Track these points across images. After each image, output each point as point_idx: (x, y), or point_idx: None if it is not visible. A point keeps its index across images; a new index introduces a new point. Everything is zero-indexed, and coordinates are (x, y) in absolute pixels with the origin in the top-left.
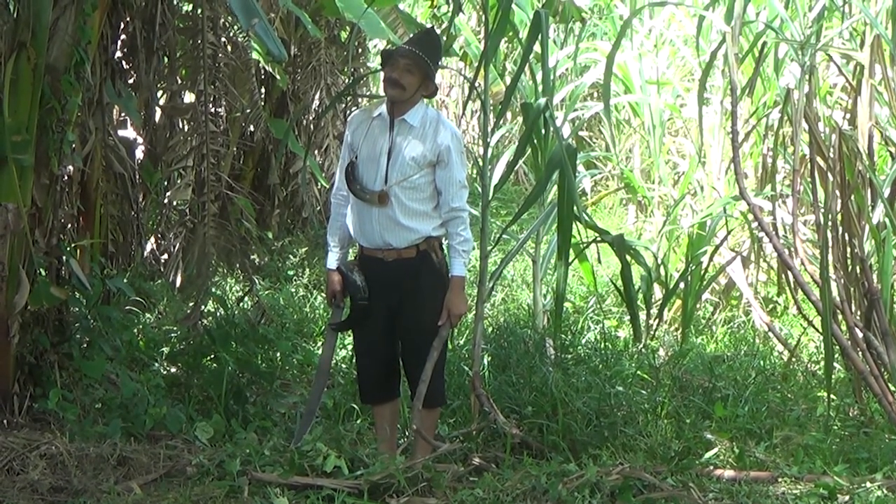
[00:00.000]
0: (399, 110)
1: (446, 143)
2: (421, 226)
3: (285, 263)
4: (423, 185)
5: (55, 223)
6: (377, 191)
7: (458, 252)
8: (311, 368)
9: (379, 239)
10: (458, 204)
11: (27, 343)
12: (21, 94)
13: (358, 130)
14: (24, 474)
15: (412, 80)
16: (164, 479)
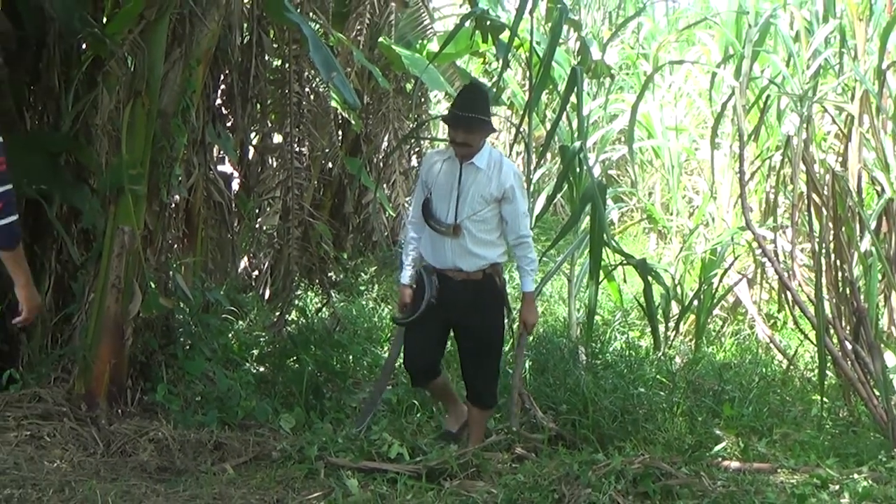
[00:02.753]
0: (467, 156)
1: (510, 181)
2: (488, 253)
3: (357, 280)
4: (489, 219)
5: (164, 243)
6: (451, 224)
7: (527, 272)
8: (378, 370)
9: (451, 263)
10: (523, 232)
11: (139, 345)
12: (136, 134)
13: (431, 171)
14: (134, 456)
15: (475, 137)
16: (252, 461)
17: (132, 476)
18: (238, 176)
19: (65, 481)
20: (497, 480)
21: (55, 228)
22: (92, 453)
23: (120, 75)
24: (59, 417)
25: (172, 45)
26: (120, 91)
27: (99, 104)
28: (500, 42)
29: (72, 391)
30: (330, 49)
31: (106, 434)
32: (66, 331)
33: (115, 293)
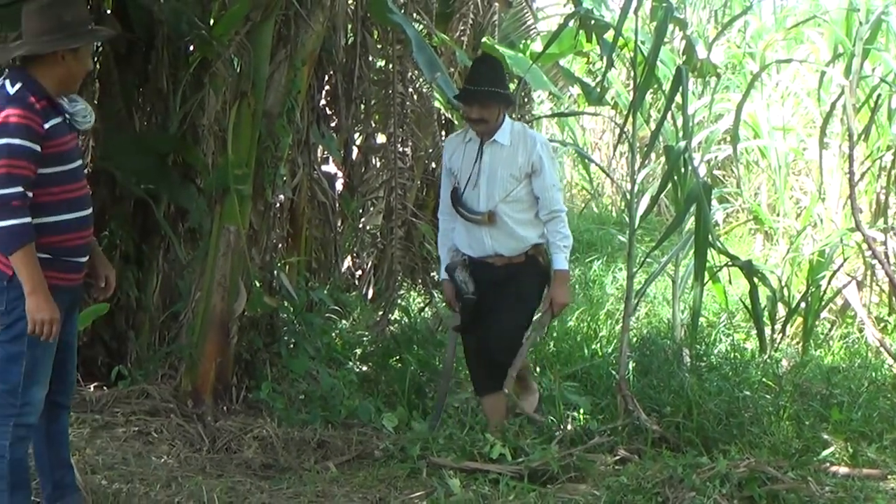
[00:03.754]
0: (487, 133)
1: (537, 153)
2: (528, 233)
3: None
4: (523, 196)
5: (268, 243)
6: (484, 212)
7: (560, 248)
8: None
9: (490, 251)
10: (556, 206)
11: (244, 343)
12: (242, 135)
13: (454, 156)
14: (239, 453)
15: (491, 112)
16: (355, 460)
17: (237, 473)
18: (342, 176)
19: (171, 477)
20: (600, 482)
21: (163, 228)
22: (198, 449)
23: (226, 76)
24: (167, 414)
25: (278, 47)
26: (226, 92)
27: (206, 105)
28: (605, 41)
29: (178, 388)
30: (433, 49)
31: (211, 431)
32: (173, 328)
33: (220, 292)
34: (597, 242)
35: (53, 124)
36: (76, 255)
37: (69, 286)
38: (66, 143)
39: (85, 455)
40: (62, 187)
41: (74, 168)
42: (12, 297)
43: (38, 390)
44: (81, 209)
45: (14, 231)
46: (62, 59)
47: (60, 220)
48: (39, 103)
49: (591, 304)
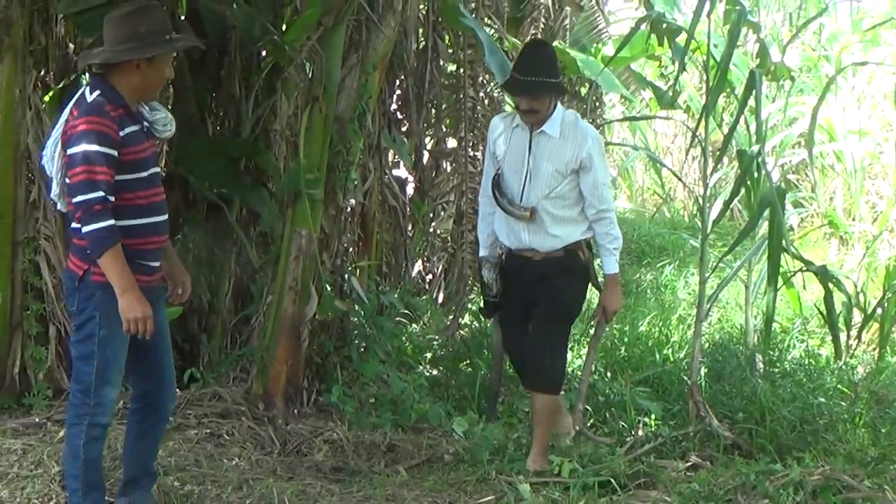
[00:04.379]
0: (536, 123)
1: (587, 149)
2: (569, 232)
3: None
4: (568, 193)
5: (339, 247)
6: (527, 207)
7: (609, 251)
8: None
9: (527, 244)
10: (604, 205)
11: (315, 346)
12: (314, 139)
13: (500, 140)
14: (310, 456)
15: (542, 102)
16: (425, 464)
17: (307, 476)
18: (413, 180)
19: (243, 479)
20: (671, 489)
21: (235, 232)
22: (269, 452)
23: (298, 81)
24: (238, 416)
25: (349, 51)
26: (298, 97)
27: (278, 110)
28: (677, 45)
29: (250, 391)
30: (504, 53)
31: (282, 434)
32: (244, 332)
33: (292, 295)
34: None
35: (129, 132)
36: (149, 258)
37: (141, 287)
38: (143, 151)
39: (158, 456)
40: (136, 193)
41: (150, 175)
42: (83, 298)
43: (110, 390)
44: (155, 215)
45: (100, 235)
46: (137, 68)
47: (133, 225)
48: (116, 111)
49: (663, 309)
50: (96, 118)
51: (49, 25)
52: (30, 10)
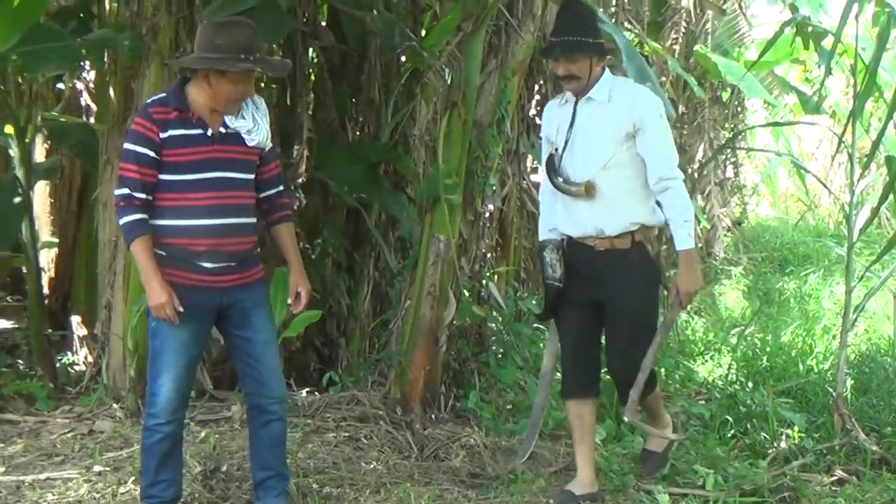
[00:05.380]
0: (580, 90)
1: (640, 108)
2: (635, 208)
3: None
4: (626, 161)
5: (478, 252)
6: (581, 183)
7: (679, 223)
8: (691, 384)
9: (591, 227)
10: (667, 172)
11: (452, 352)
12: (453, 145)
13: (552, 122)
14: (447, 461)
15: (581, 65)
16: (563, 471)
17: (444, 480)
18: None
19: (380, 483)
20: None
21: (374, 236)
22: (406, 456)
23: (437, 87)
24: (376, 420)
25: (488, 57)
26: (437, 102)
27: (417, 115)
28: (822, 49)
29: (388, 395)
30: (644, 58)
31: (420, 438)
32: (383, 336)
33: (430, 300)
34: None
35: (175, 135)
36: (199, 259)
37: (187, 285)
38: (191, 154)
39: (297, 458)
40: (182, 194)
41: (198, 179)
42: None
43: (162, 382)
44: (202, 218)
45: (125, 228)
46: (207, 79)
47: (176, 225)
48: (167, 113)
49: (807, 318)
50: (138, 118)
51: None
52: (176, 17)
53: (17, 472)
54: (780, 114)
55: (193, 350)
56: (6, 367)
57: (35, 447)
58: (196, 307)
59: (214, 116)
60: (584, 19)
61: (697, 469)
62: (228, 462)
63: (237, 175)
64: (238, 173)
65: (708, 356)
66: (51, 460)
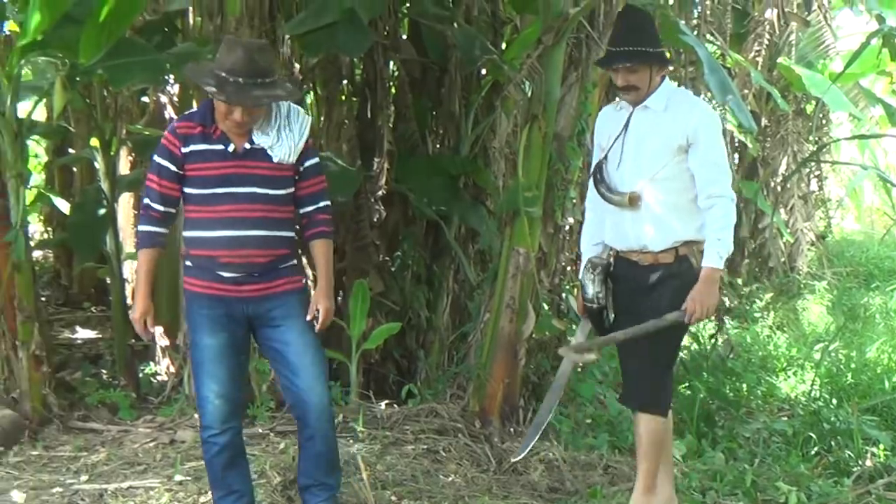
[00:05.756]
0: (637, 100)
1: (694, 122)
2: (680, 223)
3: (752, 306)
4: (676, 175)
5: (557, 266)
6: (626, 193)
7: (713, 240)
8: (773, 400)
9: (634, 242)
10: (716, 189)
11: (531, 366)
12: (533, 157)
13: (604, 127)
14: (525, 475)
15: (640, 76)
16: None
17: (523, 494)
18: None
19: (458, 496)
20: None
21: (453, 249)
22: (484, 470)
23: (517, 100)
24: (454, 433)
25: (569, 69)
26: (517, 115)
27: (497, 128)
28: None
29: (466, 408)
30: (727, 71)
31: (498, 452)
32: (461, 349)
33: (509, 314)
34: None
35: (196, 150)
36: (221, 269)
37: (210, 294)
38: (209, 169)
39: (376, 470)
40: (203, 207)
41: (219, 193)
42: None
43: (206, 393)
44: (220, 229)
45: (137, 236)
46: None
47: (199, 236)
48: (192, 128)
49: (893, 334)
50: (166, 133)
51: (276, 46)
52: (258, 31)
53: (101, 481)
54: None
55: (232, 359)
56: (90, 376)
57: (117, 456)
58: (222, 316)
59: (240, 132)
60: (645, 27)
61: (780, 486)
62: None
63: (261, 190)
64: (263, 188)
65: (791, 372)
66: (133, 469)
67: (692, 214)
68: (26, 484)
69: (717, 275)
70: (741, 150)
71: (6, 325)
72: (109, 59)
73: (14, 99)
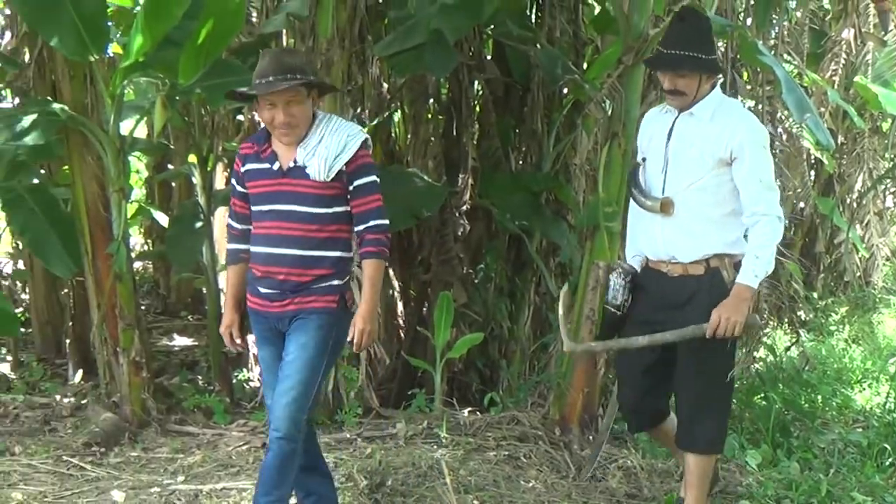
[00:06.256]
0: (683, 106)
1: (739, 136)
2: (713, 235)
3: (828, 320)
4: (713, 187)
5: None
6: (659, 198)
7: (751, 258)
8: (848, 412)
9: (663, 251)
10: (760, 206)
11: (610, 375)
12: (613, 173)
13: (647, 130)
14: (604, 481)
15: (689, 81)
16: (719, 494)
17: (601, 501)
18: None
19: (538, 501)
20: None
21: (535, 262)
22: (564, 476)
23: (598, 118)
24: (535, 440)
25: (648, 88)
26: (597, 133)
27: (577, 145)
28: None
29: (547, 416)
30: (804, 90)
31: (577, 459)
32: (542, 359)
33: (588, 325)
34: None
35: (250, 168)
36: (259, 283)
37: (254, 309)
38: (260, 187)
39: (459, 475)
40: (255, 223)
41: (265, 210)
42: None
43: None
44: (260, 245)
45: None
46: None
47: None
48: (248, 148)
49: None
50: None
51: (365, 66)
52: (349, 52)
53: (196, 482)
54: None
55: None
56: (187, 382)
57: (212, 458)
58: (266, 330)
59: (288, 150)
60: (699, 32)
61: (855, 496)
62: (393, 477)
63: (300, 208)
64: (302, 206)
65: (866, 384)
66: (227, 471)
67: (726, 228)
68: (126, 484)
69: (748, 293)
70: (818, 167)
71: (108, 332)
72: (207, 80)
73: (117, 117)
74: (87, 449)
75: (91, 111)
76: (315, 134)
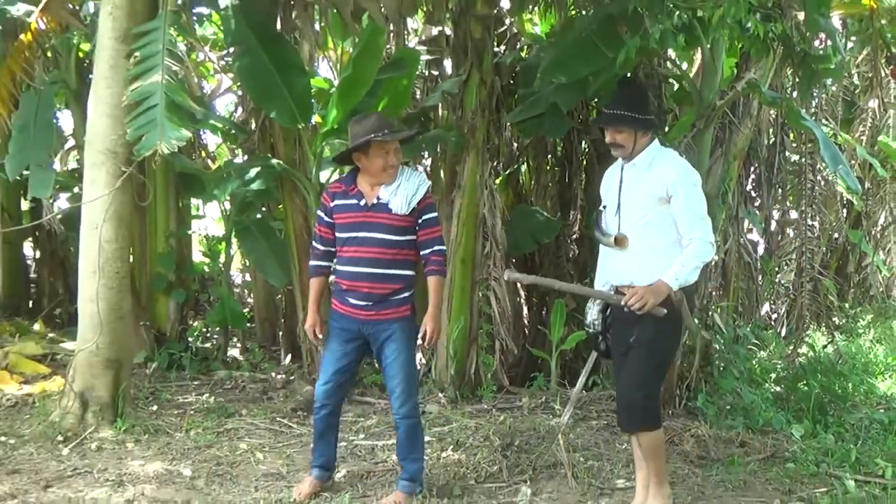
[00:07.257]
0: (625, 157)
1: (671, 177)
2: (661, 261)
3: (857, 325)
4: (657, 222)
5: (705, 291)
6: (613, 235)
7: (677, 265)
8: (873, 396)
9: (624, 277)
10: (696, 232)
11: (685, 364)
12: None
13: (605, 182)
14: (680, 445)
15: (626, 136)
16: (769, 458)
17: (678, 460)
18: (763, 242)
19: (629, 459)
20: None
21: None
22: None
23: None
24: None
25: (715, 146)
26: None
27: None
28: None
29: None
30: (837, 146)
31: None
32: None
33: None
34: None
35: (339, 203)
36: (347, 295)
37: (341, 313)
38: (346, 218)
39: (568, 438)
40: (342, 247)
41: (351, 237)
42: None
43: (320, 378)
44: (346, 265)
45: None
46: (359, 159)
47: (338, 269)
48: (337, 187)
49: None
50: (324, 192)
51: (500, 130)
52: (488, 119)
53: (373, 439)
54: None
55: (342, 360)
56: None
57: (384, 422)
58: (344, 329)
59: (372, 190)
60: (636, 95)
61: (878, 462)
62: (520, 438)
63: (381, 235)
64: (383, 234)
65: (888, 375)
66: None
67: (671, 254)
68: None
69: (664, 288)
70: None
71: None
72: None
73: (318, 169)
74: (293, 413)
75: (299, 164)
76: (396, 177)
